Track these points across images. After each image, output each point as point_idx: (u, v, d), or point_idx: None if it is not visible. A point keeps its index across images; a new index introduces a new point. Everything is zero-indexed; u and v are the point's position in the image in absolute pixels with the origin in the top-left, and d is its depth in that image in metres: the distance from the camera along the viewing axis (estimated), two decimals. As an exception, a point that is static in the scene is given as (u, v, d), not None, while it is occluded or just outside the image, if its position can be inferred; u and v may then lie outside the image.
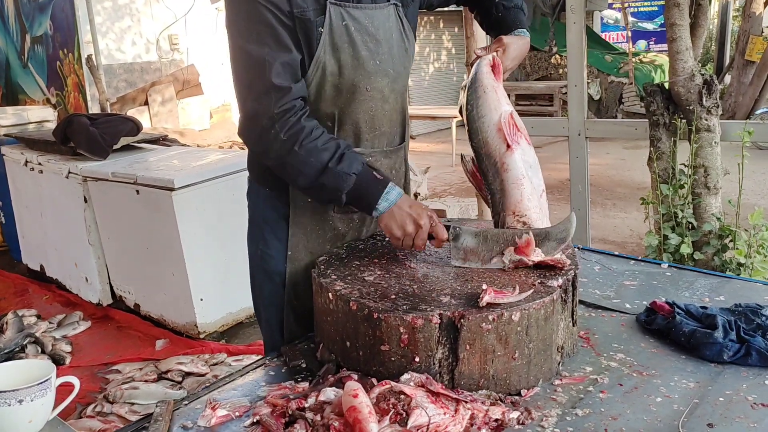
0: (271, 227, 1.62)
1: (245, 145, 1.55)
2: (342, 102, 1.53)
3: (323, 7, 1.44)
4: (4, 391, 1.06)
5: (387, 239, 1.65)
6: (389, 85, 1.59)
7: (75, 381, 1.20)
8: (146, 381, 2.93)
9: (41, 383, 1.09)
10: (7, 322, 3.50)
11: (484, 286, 1.25)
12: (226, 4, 1.47)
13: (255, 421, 1.19)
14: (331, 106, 1.53)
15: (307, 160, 1.43)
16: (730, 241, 2.93)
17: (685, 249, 2.91)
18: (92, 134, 3.78)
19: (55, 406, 1.17)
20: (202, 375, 2.98)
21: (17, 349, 3.25)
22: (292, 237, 1.60)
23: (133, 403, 2.74)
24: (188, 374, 2.99)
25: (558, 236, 1.43)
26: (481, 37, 2.96)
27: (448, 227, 1.47)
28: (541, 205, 1.50)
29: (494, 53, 1.59)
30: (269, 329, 1.71)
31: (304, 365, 1.41)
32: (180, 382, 2.94)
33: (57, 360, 3.23)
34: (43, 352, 3.32)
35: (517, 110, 1.61)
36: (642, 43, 12.87)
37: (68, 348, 3.39)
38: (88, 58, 5.18)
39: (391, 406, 1.12)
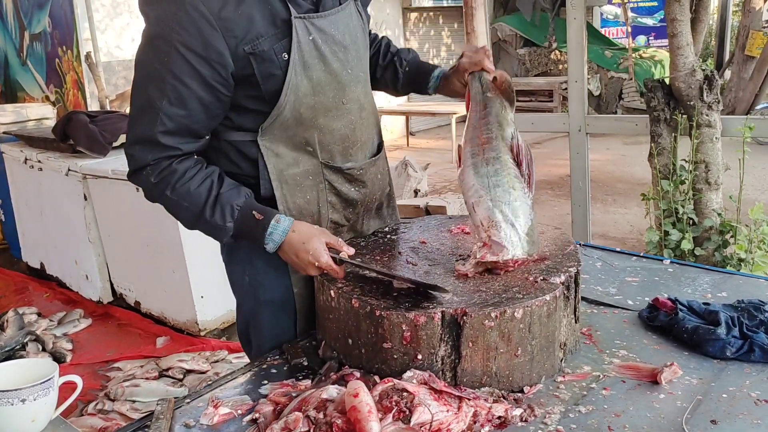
0: (259, 253, 1.44)
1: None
2: (321, 123, 1.44)
3: (283, 30, 1.33)
4: (7, 391, 1.06)
5: (388, 236, 1.65)
6: (363, 89, 1.52)
7: (78, 380, 1.19)
8: (147, 378, 2.93)
9: (44, 382, 1.09)
10: (7, 320, 3.50)
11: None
12: (144, 33, 1.32)
13: (256, 418, 1.19)
14: (310, 129, 1.43)
15: (180, 204, 1.36)
16: (731, 236, 2.93)
17: (686, 245, 2.91)
18: (92, 131, 3.77)
19: (57, 405, 1.17)
20: (203, 372, 2.98)
21: (18, 347, 3.25)
22: (293, 273, 1.49)
23: (134, 401, 2.74)
24: (189, 372, 2.99)
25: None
26: (481, 33, 2.94)
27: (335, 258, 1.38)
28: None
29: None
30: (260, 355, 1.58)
31: (305, 363, 1.40)
32: (181, 380, 2.94)
33: (58, 358, 3.23)
34: (43, 349, 3.32)
35: (516, 106, 1.58)
36: (642, 39, 12.84)
37: (69, 346, 3.39)
38: (87, 55, 5.16)
39: (393, 403, 1.12)
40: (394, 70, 1.73)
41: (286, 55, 1.34)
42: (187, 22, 1.25)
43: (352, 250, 1.40)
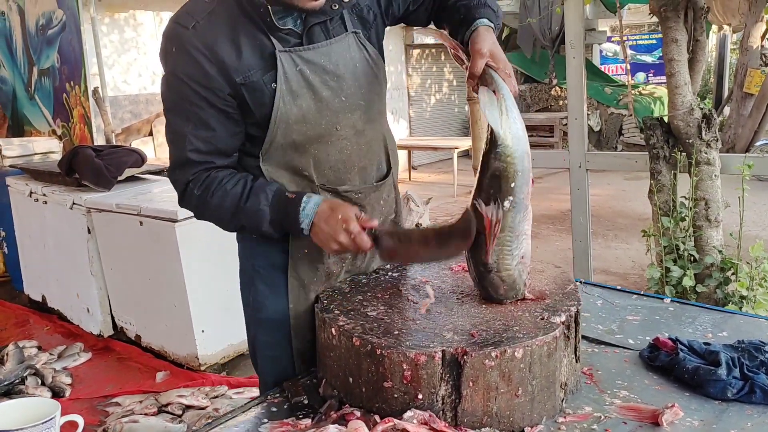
0: (261, 276, 1.59)
1: None
2: (314, 149, 1.50)
3: (270, 62, 1.42)
4: (10, 430, 1.06)
5: (389, 273, 1.66)
6: (362, 117, 1.55)
7: (79, 420, 1.20)
8: (146, 414, 2.91)
9: (46, 422, 1.09)
10: (7, 354, 3.48)
11: None
12: (163, 74, 1.48)
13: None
14: (304, 155, 1.50)
15: (220, 206, 1.47)
16: (732, 273, 2.93)
17: (688, 282, 2.91)
18: (97, 166, 3.81)
19: (58, 444, 1.17)
20: (203, 408, 2.95)
21: (17, 380, 3.23)
22: (291, 290, 1.56)
23: (132, 437, 2.72)
24: (188, 407, 2.97)
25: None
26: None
27: (371, 229, 1.42)
28: None
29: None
30: (264, 376, 1.67)
31: (306, 401, 1.40)
32: (180, 416, 2.92)
33: (57, 392, 3.21)
34: (43, 383, 3.29)
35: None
36: (641, 76, 13.02)
37: (68, 380, 3.36)
38: (95, 90, 5.25)
39: (394, 444, 1.12)
40: (452, 19, 1.59)
41: (275, 85, 1.43)
42: (187, 58, 1.40)
43: (375, 222, 1.45)
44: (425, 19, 1.71)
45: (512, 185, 1.35)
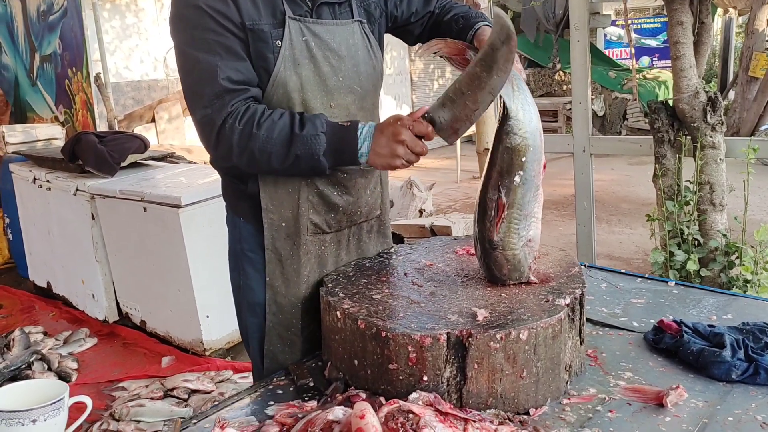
0: (249, 258, 1.59)
1: (211, 154, 1.50)
2: None
3: (281, 21, 1.42)
4: (18, 411, 1.07)
5: (393, 257, 1.66)
6: (356, 102, 1.56)
7: (87, 400, 1.20)
8: (152, 398, 2.93)
9: (54, 403, 1.10)
10: (13, 339, 3.51)
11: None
12: (171, 14, 1.43)
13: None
14: None
15: (270, 137, 1.39)
16: (737, 257, 2.93)
17: (692, 266, 2.90)
18: (100, 152, 3.81)
19: (67, 426, 1.17)
20: (208, 392, 2.97)
21: (23, 366, 3.26)
22: (268, 263, 1.55)
23: (139, 421, 2.74)
24: (194, 392, 2.99)
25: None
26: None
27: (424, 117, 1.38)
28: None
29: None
30: (255, 358, 1.67)
31: (311, 384, 1.41)
32: (186, 400, 2.94)
33: (63, 377, 3.23)
34: (49, 369, 3.32)
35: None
36: (645, 60, 12.93)
37: (74, 365, 3.39)
38: (97, 76, 5.24)
39: (399, 425, 1.12)
40: (451, 30, 1.67)
41: (279, 43, 1.42)
42: None
43: (425, 108, 1.40)
44: (416, 36, 1.74)
45: (523, 159, 1.36)
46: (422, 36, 1.73)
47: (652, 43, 13.18)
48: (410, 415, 1.14)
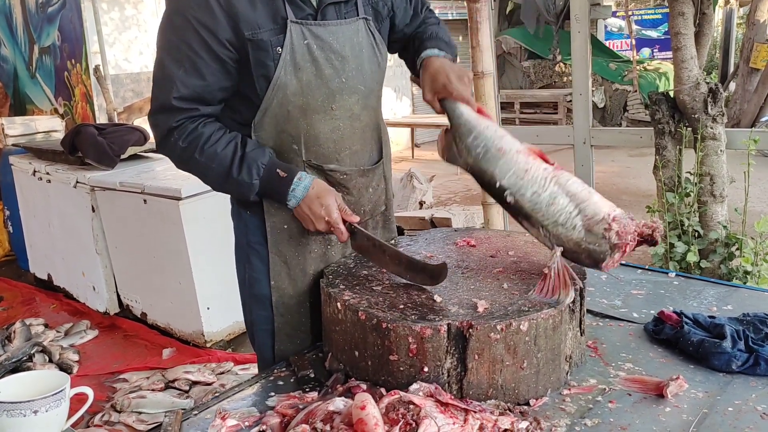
0: (256, 250, 1.59)
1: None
2: (306, 122, 1.49)
3: (282, 27, 1.42)
4: (20, 402, 1.07)
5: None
6: (360, 102, 1.56)
7: (89, 391, 1.21)
8: (153, 390, 2.94)
9: (56, 394, 1.10)
10: (14, 331, 3.52)
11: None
12: (163, 13, 1.46)
13: (263, 430, 1.19)
14: (296, 127, 1.50)
15: (208, 165, 1.45)
16: (737, 249, 2.93)
17: (692, 257, 2.91)
18: (100, 144, 3.81)
19: (68, 417, 1.18)
20: (209, 384, 2.98)
21: (25, 358, 3.26)
22: (273, 265, 1.57)
23: (140, 413, 2.75)
24: (195, 383, 3.00)
25: None
26: (486, 48, 2.97)
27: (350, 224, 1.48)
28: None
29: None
30: (261, 351, 1.67)
31: (312, 375, 1.41)
32: (187, 391, 2.95)
33: (64, 369, 3.24)
34: (50, 361, 3.33)
35: (521, 118, 1.59)
36: (646, 51, 12.89)
37: (75, 357, 3.40)
38: (96, 68, 5.22)
39: (400, 416, 1.13)
40: (409, 49, 1.73)
41: (280, 50, 1.42)
42: (201, 1, 1.37)
43: (357, 218, 1.49)
44: (397, 48, 1.77)
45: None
46: (395, 44, 1.74)
47: (653, 34, 13.14)
48: (411, 406, 1.14)
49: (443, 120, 1.55)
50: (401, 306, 1.31)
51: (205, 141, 1.44)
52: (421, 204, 5.56)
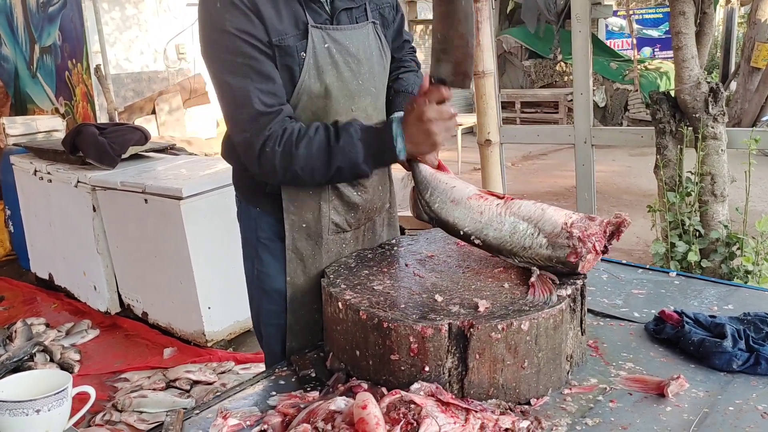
0: (266, 246, 1.61)
1: (255, 174, 1.52)
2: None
3: (304, 32, 1.45)
4: (22, 401, 1.08)
5: (395, 248, 1.66)
6: (372, 103, 1.60)
7: (91, 390, 1.21)
8: (154, 389, 2.95)
9: (58, 393, 1.10)
10: (16, 331, 3.53)
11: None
12: (200, 37, 1.46)
13: (264, 429, 1.20)
14: None
15: (309, 154, 1.42)
16: (738, 248, 2.93)
17: (693, 257, 2.91)
18: (101, 144, 3.81)
19: (70, 416, 1.18)
20: (210, 383, 2.99)
21: (26, 357, 3.27)
22: (289, 263, 1.58)
23: (141, 412, 2.75)
24: (196, 383, 3.01)
25: None
26: (487, 47, 2.97)
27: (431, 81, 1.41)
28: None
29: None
30: (269, 346, 1.70)
31: (313, 374, 1.42)
32: (188, 391, 2.95)
33: (65, 368, 3.24)
34: (51, 360, 3.34)
35: (522, 118, 1.61)
36: (647, 51, 12.88)
37: (77, 356, 3.40)
38: (97, 68, 5.22)
39: (401, 415, 1.13)
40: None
41: (304, 54, 1.46)
42: (234, 11, 1.39)
43: (444, 93, 1.42)
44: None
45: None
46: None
47: (654, 33, 13.12)
48: (412, 406, 1.14)
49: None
50: (402, 305, 1.32)
51: (298, 134, 1.42)
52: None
